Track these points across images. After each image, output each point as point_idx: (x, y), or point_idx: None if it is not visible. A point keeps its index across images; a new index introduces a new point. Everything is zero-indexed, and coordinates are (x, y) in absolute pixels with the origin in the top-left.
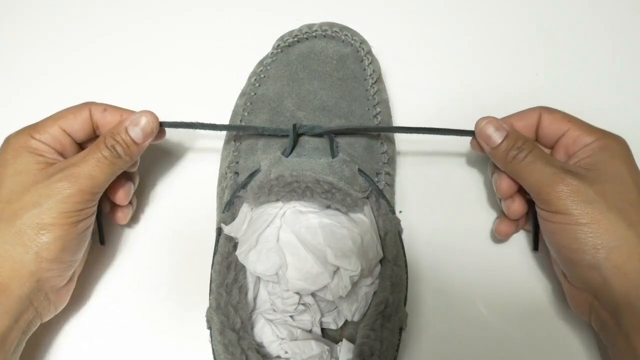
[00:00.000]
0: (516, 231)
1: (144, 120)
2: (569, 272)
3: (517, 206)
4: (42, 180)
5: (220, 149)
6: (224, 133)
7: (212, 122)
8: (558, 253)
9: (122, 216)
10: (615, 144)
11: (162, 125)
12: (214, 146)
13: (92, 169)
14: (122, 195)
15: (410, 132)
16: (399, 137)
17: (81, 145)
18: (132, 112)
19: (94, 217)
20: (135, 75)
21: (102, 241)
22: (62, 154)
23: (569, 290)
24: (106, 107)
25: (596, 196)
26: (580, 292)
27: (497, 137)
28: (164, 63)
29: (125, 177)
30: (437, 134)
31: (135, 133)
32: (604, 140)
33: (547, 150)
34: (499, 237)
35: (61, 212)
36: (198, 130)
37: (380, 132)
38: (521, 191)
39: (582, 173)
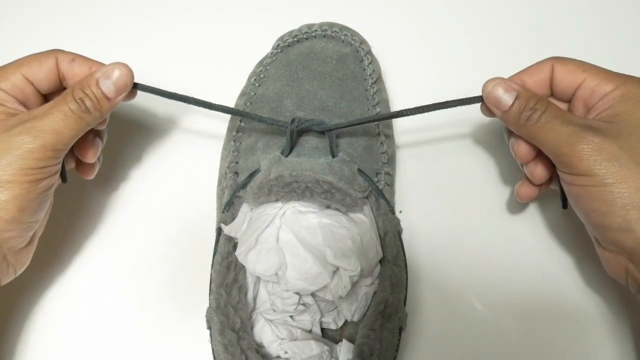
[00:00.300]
0: (539, 195)
1: (117, 73)
2: (600, 236)
3: (540, 170)
4: (1, 133)
5: (220, 149)
6: (223, 133)
7: (198, 98)
8: (586, 217)
9: (87, 173)
10: (637, 89)
11: (136, 88)
12: (214, 146)
13: (58, 123)
14: (90, 154)
15: (415, 113)
16: (399, 138)
17: (46, 97)
18: (103, 64)
19: (57, 176)
20: (135, 75)
21: (64, 179)
22: (24, 105)
23: (602, 254)
24: (75, 57)
25: (621, 152)
26: (614, 256)
27: (507, 99)
28: (164, 63)
29: (93, 133)
30: (442, 108)
31: (107, 86)
32: (624, 87)
33: (565, 105)
34: (520, 200)
35: (21, 168)
36: (198, 131)
37: (382, 120)
38: (543, 153)
39: (603, 127)
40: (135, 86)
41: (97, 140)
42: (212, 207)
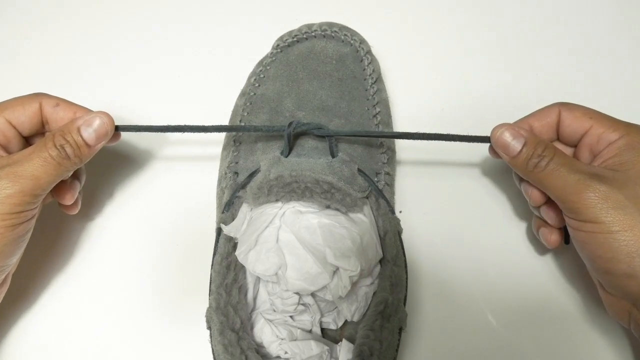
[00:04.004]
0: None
1: (97, 122)
2: (604, 282)
3: (554, 212)
4: None
5: (220, 149)
6: (224, 133)
7: (184, 124)
8: (591, 262)
9: (69, 210)
10: None
11: (118, 130)
12: (214, 146)
13: (37, 169)
14: (68, 197)
15: (421, 139)
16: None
17: (28, 140)
18: (87, 109)
19: (33, 221)
20: (135, 75)
21: None
22: (5, 148)
23: (606, 298)
24: (59, 102)
25: (627, 201)
26: (618, 300)
27: (515, 145)
28: (164, 63)
29: (71, 176)
30: (449, 140)
31: (88, 134)
32: (628, 136)
33: (570, 150)
34: (550, 247)
35: None
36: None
37: (384, 137)
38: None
39: (609, 176)
40: (117, 129)
41: (75, 183)
42: (212, 207)
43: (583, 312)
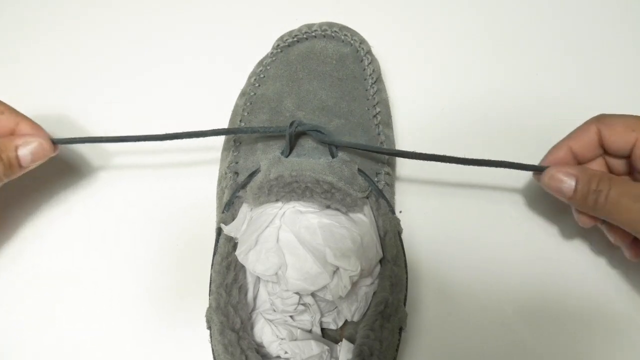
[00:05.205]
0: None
1: (35, 144)
2: None
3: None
4: None
5: (220, 149)
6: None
7: (190, 132)
8: None
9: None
10: None
11: (57, 143)
12: (214, 146)
13: None
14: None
15: (416, 158)
16: (398, 138)
17: None
18: (31, 121)
19: None
20: (135, 75)
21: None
22: None
23: None
24: (4, 110)
25: None
26: None
27: (567, 187)
28: (164, 63)
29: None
30: (495, 166)
31: (24, 154)
32: None
33: (623, 161)
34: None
35: None
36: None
37: (385, 154)
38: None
39: None
40: (56, 142)
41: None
42: (212, 207)
43: (584, 312)
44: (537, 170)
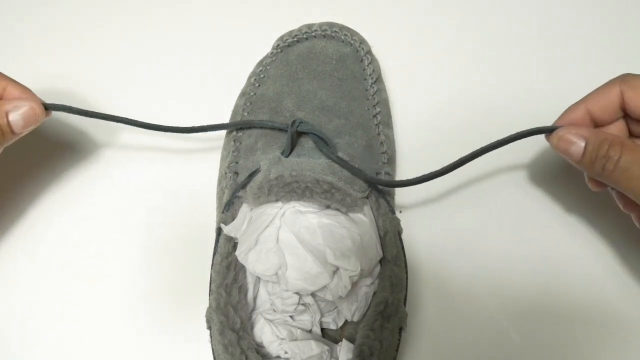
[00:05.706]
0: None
1: (26, 107)
2: None
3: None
4: None
5: (220, 148)
6: (224, 131)
7: (193, 126)
8: None
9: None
10: None
11: (49, 108)
12: (214, 146)
13: None
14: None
15: (468, 161)
16: (398, 138)
17: None
18: (19, 84)
19: None
20: (135, 75)
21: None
22: None
23: None
24: None
25: None
26: None
27: (576, 149)
28: (164, 63)
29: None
30: (494, 148)
31: (15, 119)
32: None
33: None
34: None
35: None
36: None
37: (386, 186)
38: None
39: None
40: (48, 107)
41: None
42: (212, 207)
43: (585, 312)
44: (548, 131)
